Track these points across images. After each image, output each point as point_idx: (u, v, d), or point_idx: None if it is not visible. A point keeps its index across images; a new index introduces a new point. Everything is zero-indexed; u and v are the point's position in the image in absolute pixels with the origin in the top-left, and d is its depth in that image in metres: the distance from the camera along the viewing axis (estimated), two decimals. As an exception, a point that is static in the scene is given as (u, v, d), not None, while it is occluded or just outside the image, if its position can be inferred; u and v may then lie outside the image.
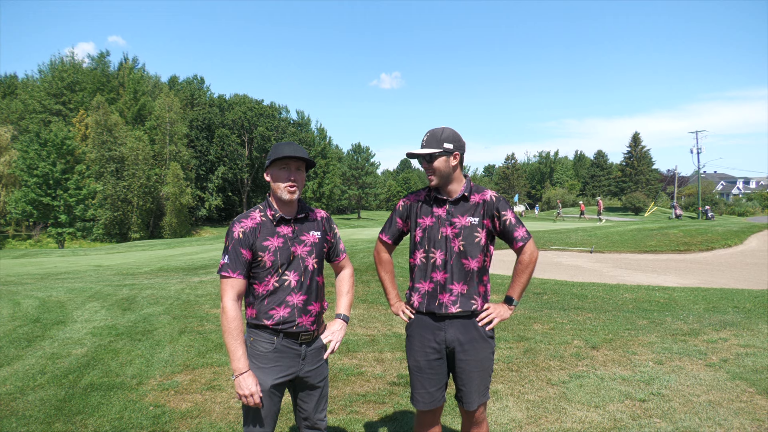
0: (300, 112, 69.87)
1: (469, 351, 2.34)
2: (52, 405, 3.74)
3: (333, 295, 7.04)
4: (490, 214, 2.35)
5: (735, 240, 16.38)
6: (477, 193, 2.37)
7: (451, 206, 2.36)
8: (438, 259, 2.34)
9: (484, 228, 2.34)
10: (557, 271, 11.36)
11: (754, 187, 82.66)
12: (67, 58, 60.17)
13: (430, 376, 2.37)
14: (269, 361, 2.16)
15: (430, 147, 2.30)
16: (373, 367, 4.62)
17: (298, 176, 2.18)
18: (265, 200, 2.26)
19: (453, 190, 2.36)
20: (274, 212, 2.19)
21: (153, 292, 8.29)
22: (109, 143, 48.24)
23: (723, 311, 6.77)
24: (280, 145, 2.18)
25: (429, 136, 2.32)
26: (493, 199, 2.35)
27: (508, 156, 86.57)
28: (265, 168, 2.22)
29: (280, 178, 2.16)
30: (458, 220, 2.33)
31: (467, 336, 2.34)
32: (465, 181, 2.39)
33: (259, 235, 2.14)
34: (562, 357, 4.79)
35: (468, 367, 2.34)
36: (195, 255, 17.68)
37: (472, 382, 2.35)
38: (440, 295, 2.32)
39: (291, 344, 2.19)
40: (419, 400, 2.39)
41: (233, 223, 2.16)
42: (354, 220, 73.73)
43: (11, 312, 6.85)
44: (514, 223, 2.35)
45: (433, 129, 2.34)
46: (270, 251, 2.14)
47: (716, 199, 59.00)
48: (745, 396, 3.80)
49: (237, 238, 2.11)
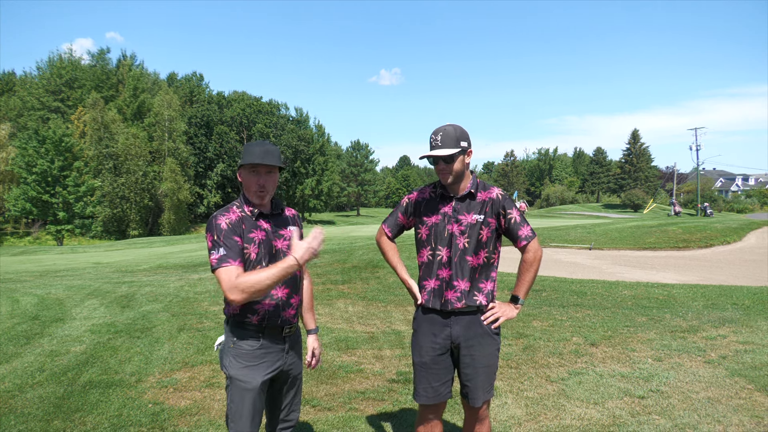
0: (299, 109, 69.69)
1: (475, 347, 2.34)
2: (50, 402, 3.74)
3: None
4: (496, 212, 2.34)
5: (734, 237, 16.39)
6: (483, 191, 2.37)
7: (457, 203, 2.35)
8: (444, 257, 2.33)
9: (489, 225, 2.33)
10: (556, 268, 11.36)
11: (753, 184, 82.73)
12: (66, 54, 60.00)
13: (435, 371, 2.36)
14: (256, 359, 2.15)
15: (448, 147, 2.26)
16: (372, 364, 4.62)
17: (268, 180, 2.17)
18: (240, 197, 2.25)
19: (460, 188, 2.35)
20: (252, 208, 2.19)
21: (152, 289, 8.28)
22: (107, 140, 48.14)
23: (722, 308, 6.77)
24: (252, 148, 2.15)
25: (443, 135, 2.27)
26: (500, 197, 2.35)
27: (508, 153, 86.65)
28: (238, 168, 2.22)
29: (250, 182, 2.16)
30: (464, 218, 2.32)
31: (473, 332, 2.34)
32: (471, 178, 2.37)
33: (244, 227, 2.13)
34: (561, 354, 4.80)
35: (473, 363, 2.35)
36: (194, 252, 17.66)
37: (477, 378, 2.35)
38: (446, 292, 2.32)
39: (275, 339, 2.20)
40: (422, 395, 2.38)
41: (215, 217, 2.12)
42: (353, 217, 73.74)
43: (10, 309, 6.84)
44: (519, 221, 2.35)
45: (444, 127, 2.29)
46: (255, 243, 2.13)
47: (715, 196, 59.10)
48: (744, 393, 3.80)
49: (226, 228, 2.08)
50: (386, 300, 7.36)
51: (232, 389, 2.14)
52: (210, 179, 58.78)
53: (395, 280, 8.87)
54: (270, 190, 2.19)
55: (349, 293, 7.87)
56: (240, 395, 2.12)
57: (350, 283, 8.61)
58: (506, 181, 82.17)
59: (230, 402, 2.14)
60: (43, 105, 54.96)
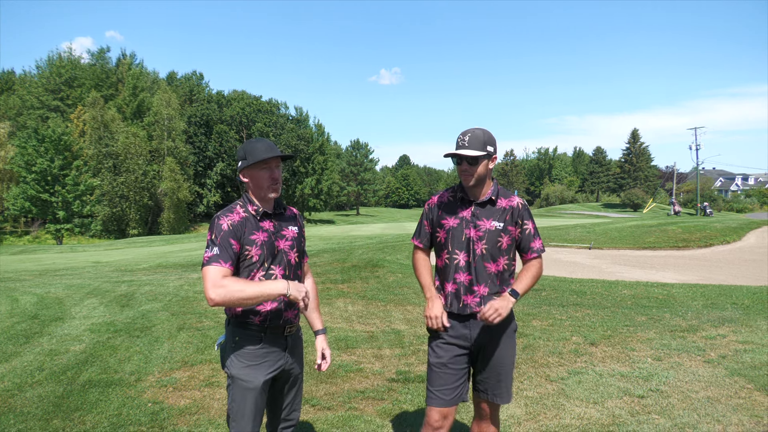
0: (298, 108, 69.68)
1: (495, 347, 2.35)
2: (50, 401, 3.73)
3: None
4: (514, 221, 2.35)
5: (733, 236, 16.40)
6: (504, 198, 2.37)
7: (477, 208, 2.34)
8: (461, 261, 2.33)
9: (508, 233, 2.33)
10: (556, 268, 11.36)
11: (752, 184, 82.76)
12: (65, 53, 59.92)
13: (453, 371, 2.34)
14: (258, 358, 2.15)
15: (474, 149, 2.25)
16: (372, 364, 4.62)
17: (279, 174, 2.21)
18: (242, 197, 2.24)
19: (480, 192, 2.35)
20: (256, 207, 2.19)
21: (151, 288, 8.28)
22: (106, 139, 48.10)
23: (721, 307, 6.78)
24: (254, 145, 2.16)
25: (471, 137, 2.27)
26: (520, 206, 2.36)
27: (507, 152, 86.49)
28: (240, 169, 2.18)
29: (262, 179, 2.17)
30: (483, 223, 2.32)
31: (492, 333, 2.34)
32: (492, 184, 2.38)
33: (245, 229, 2.14)
34: (561, 353, 4.80)
35: (495, 361, 2.36)
36: (193, 251, 17.65)
37: (500, 377, 2.37)
38: (464, 297, 2.33)
39: (277, 338, 2.21)
40: (439, 397, 2.32)
41: (218, 217, 2.13)
42: (353, 217, 73.71)
43: (9, 308, 6.84)
44: (533, 233, 2.36)
45: (473, 130, 2.30)
46: (257, 245, 2.14)
47: (715, 196, 59.18)
48: (744, 392, 3.80)
49: (227, 229, 2.09)
50: (386, 299, 7.35)
51: (234, 389, 2.13)
52: (209, 178, 58.75)
53: (395, 279, 8.87)
54: (281, 183, 2.22)
55: (349, 292, 7.86)
56: (242, 395, 2.12)
57: (350, 283, 8.61)
58: (506, 180, 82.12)
59: (232, 401, 2.14)
60: (43, 104, 54.86)
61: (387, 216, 72.99)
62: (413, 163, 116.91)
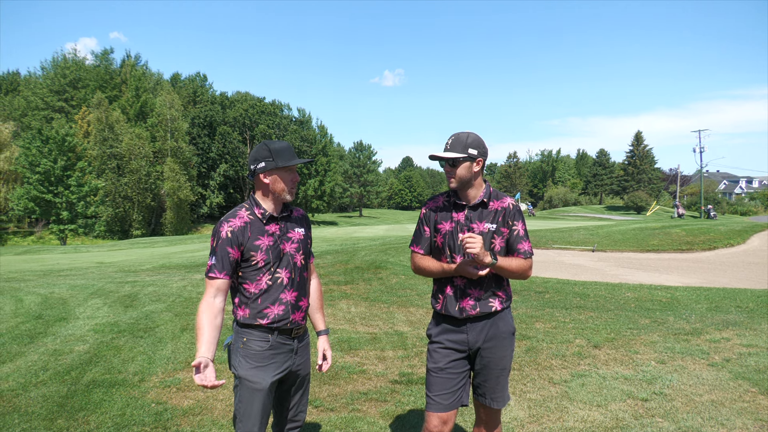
0: (301, 109, 69.67)
1: (492, 350, 2.35)
2: (54, 401, 3.75)
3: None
4: (506, 222, 2.36)
5: (737, 239, 16.34)
6: (496, 200, 2.37)
7: (469, 211, 2.35)
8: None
9: (501, 235, 2.34)
10: (559, 270, 11.35)
11: (757, 187, 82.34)
12: (70, 54, 60.22)
13: (451, 375, 2.35)
14: (265, 360, 2.16)
15: (455, 151, 2.28)
16: (375, 365, 4.62)
17: (297, 177, 2.28)
18: (249, 198, 2.25)
19: (472, 196, 2.36)
20: (263, 211, 2.20)
21: (155, 289, 8.30)
22: (111, 140, 48.28)
23: (725, 311, 6.75)
24: (282, 148, 2.18)
25: (454, 139, 2.30)
26: (511, 207, 2.37)
27: (510, 154, 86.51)
28: (262, 170, 2.16)
29: (285, 181, 2.20)
30: (476, 226, 2.33)
31: (489, 335, 2.35)
32: (485, 187, 2.38)
33: (249, 234, 2.15)
34: (564, 356, 4.79)
35: (491, 364, 2.36)
36: (197, 252, 17.69)
37: (498, 379, 2.38)
38: (460, 300, 2.33)
39: (285, 340, 2.22)
40: (438, 402, 2.33)
41: (220, 223, 2.16)
42: (356, 218, 73.76)
43: (14, 308, 6.87)
44: (522, 235, 2.36)
45: (459, 133, 2.33)
46: (262, 250, 2.15)
47: (719, 199, 58.94)
48: (748, 396, 3.79)
49: (225, 237, 2.12)
50: (389, 301, 7.35)
51: (241, 389, 2.14)
52: (213, 180, 58.91)
53: (398, 281, 8.87)
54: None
55: (352, 294, 7.87)
56: (249, 395, 2.13)
57: (353, 284, 8.61)
58: (509, 182, 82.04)
59: (238, 402, 2.15)
60: (47, 105, 55.16)
61: (390, 218, 73.00)
62: (416, 165, 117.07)
